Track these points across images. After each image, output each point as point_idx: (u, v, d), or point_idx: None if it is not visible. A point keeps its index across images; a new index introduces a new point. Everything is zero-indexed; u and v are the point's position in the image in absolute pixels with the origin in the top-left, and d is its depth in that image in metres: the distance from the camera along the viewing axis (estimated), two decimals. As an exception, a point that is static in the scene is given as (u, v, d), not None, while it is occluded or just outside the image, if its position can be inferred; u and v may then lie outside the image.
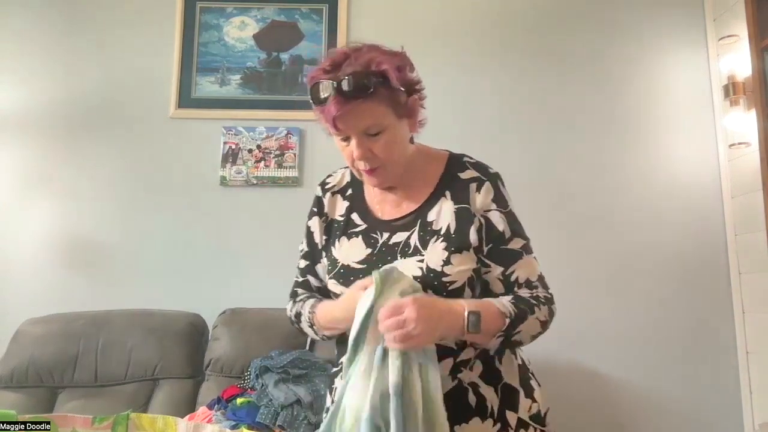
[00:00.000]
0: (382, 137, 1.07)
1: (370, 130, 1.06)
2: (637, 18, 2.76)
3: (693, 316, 2.52)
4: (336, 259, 1.16)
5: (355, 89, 1.01)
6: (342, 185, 1.26)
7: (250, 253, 2.55)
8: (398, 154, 1.11)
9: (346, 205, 1.22)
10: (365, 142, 1.07)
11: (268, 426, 1.74)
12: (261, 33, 2.75)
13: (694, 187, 2.62)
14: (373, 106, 1.04)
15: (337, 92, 1.01)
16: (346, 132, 1.06)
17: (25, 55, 2.68)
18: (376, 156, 1.08)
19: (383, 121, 1.06)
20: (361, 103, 1.02)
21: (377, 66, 1.03)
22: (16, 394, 2.07)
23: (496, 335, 1.04)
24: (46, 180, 2.60)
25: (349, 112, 1.02)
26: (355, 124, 1.04)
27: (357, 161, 1.09)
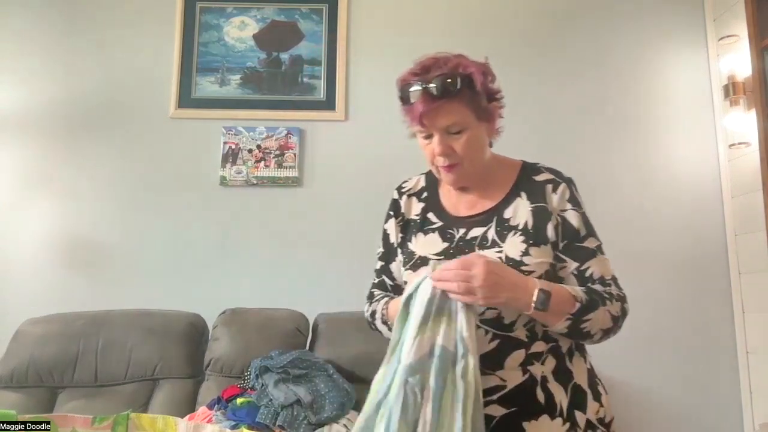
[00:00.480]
0: (462, 136, 1.13)
1: (451, 129, 1.13)
2: (637, 18, 2.76)
3: (693, 316, 2.52)
4: (413, 251, 1.21)
5: (442, 89, 1.09)
6: (417, 189, 1.32)
7: (250, 253, 2.55)
8: (476, 154, 1.17)
9: (422, 206, 1.28)
10: (446, 139, 1.13)
11: (268, 426, 1.74)
12: (261, 33, 2.75)
13: (694, 187, 2.62)
14: (457, 107, 1.11)
15: (425, 92, 1.10)
16: (430, 129, 1.13)
17: (25, 55, 2.68)
18: (455, 153, 1.14)
19: (465, 121, 1.13)
20: (446, 103, 1.10)
21: (464, 69, 1.12)
22: (16, 394, 2.07)
23: (564, 317, 1.05)
24: (46, 180, 2.60)
25: (435, 110, 1.10)
26: (439, 121, 1.12)
27: (437, 157, 1.15)
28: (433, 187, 1.30)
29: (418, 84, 1.11)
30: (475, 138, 1.15)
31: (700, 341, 2.50)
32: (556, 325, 1.07)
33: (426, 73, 1.12)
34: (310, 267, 2.54)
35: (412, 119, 1.14)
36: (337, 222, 2.58)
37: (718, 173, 2.63)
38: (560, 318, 1.05)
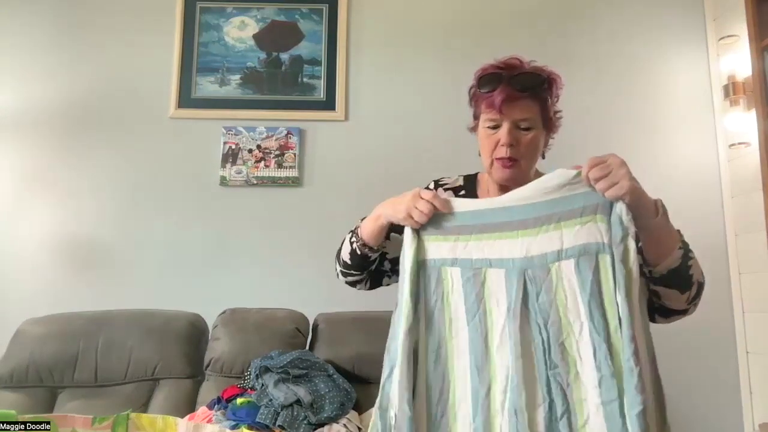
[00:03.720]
0: (529, 134, 1.19)
1: (523, 123, 1.18)
2: (636, 18, 2.76)
3: (693, 316, 2.51)
4: None
5: (525, 84, 1.16)
6: (455, 186, 1.34)
7: (250, 253, 2.55)
8: (534, 156, 1.22)
9: None
10: (514, 131, 1.17)
11: (268, 426, 1.74)
12: (261, 33, 2.75)
13: (694, 187, 2.62)
14: (533, 105, 1.18)
15: (509, 82, 1.15)
16: (503, 118, 1.16)
17: (25, 55, 2.69)
18: (519, 148, 1.18)
19: (535, 121, 1.19)
20: (525, 98, 1.16)
21: (549, 74, 1.21)
22: (16, 394, 2.07)
23: (678, 244, 1.03)
24: (46, 180, 2.60)
25: (514, 100, 1.15)
26: (515, 112, 1.16)
27: (500, 147, 1.17)
28: (471, 189, 1.33)
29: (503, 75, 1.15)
30: (537, 140, 1.20)
31: (700, 341, 2.50)
32: (670, 255, 1.02)
33: (510, 69, 1.18)
34: (310, 267, 2.54)
35: (488, 106, 1.16)
36: (337, 222, 2.57)
37: (718, 173, 2.63)
38: (675, 246, 1.02)
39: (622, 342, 0.89)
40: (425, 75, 2.68)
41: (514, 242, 1.01)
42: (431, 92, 2.68)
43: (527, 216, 1.02)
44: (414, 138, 2.61)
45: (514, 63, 1.20)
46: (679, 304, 1.09)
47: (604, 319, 0.92)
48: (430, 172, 1.48)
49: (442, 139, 2.57)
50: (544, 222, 1.00)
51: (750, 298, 2.46)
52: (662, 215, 1.00)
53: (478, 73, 1.22)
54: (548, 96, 1.21)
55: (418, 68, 2.69)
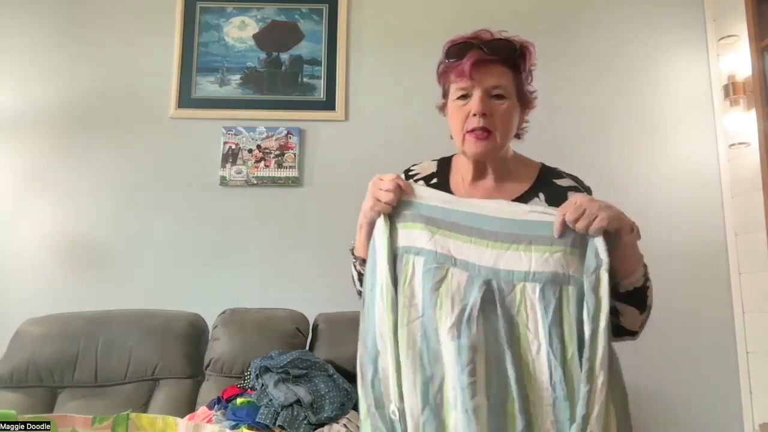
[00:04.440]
0: (503, 104, 1.12)
1: (495, 91, 1.11)
2: (636, 18, 2.76)
3: (693, 317, 2.52)
4: None
5: (496, 49, 1.10)
6: (426, 174, 1.27)
7: (250, 253, 2.55)
8: (508, 130, 1.15)
9: None
10: (486, 100, 1.11)
11: (268, 426, 1.74)
12: (261, 33, 2.75)
13: (694, 187, 2.62)
14: (505, 72, 1.12)
15: (479, 49, 1.09)
16: (474, 86, 1.10)
17: (25, 55, 2.68)
18: (492, 118, 1.11)
19: (508, 90, 1.12)
20: (497, 64, 1.11)
21: (521, 43, 1.13)
22: (16, 394, 2.07)
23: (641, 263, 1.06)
24: (46, 180, 2.60)
25: (485, 66, 1.10)
26: (487, 79, 1.10)
27: (472, 118, 1.11)
28: (443, 175, 1.26)
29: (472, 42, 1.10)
30: (511, 112, 1.14)
31: (700, 341, 2.50)
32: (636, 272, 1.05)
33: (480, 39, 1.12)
34: (310, 267, 2.54)
35: (458, 75, 1.11)
36: (337, 222, 2.57)
37: (718, 173, 2.63)
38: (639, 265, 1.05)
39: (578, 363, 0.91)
40: (425, 75, 2.65)
41: (483, 250, 1.00)
42: (431, 92, 2.65)
43: (500, 229, 1.01)
44: (414, 138, 2.61)
45: (484, 34, 1.13)
46: (634, 325, 1.12)
47: (562, 345, 0.93)
48: (430, 172, 1.48)
49: (442, 138, 2.56)
50: (515, 240, 1.00)
51: (750, 298, 2.46)
52: (635, 234, 1.04)
53: (446, 45, 1.16)
54: (521, 65, 1.14)
55: (418, 68, 2.68)
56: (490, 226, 1.02)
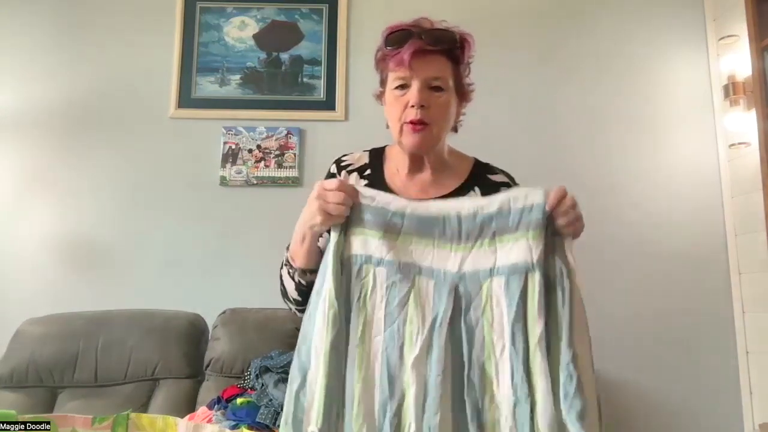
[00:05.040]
0: (441, 96, 1.10)
1: (434, 82, 1.09)
2: (636, 18, 2.76)
3: (693, 316, 2.52)
4: None
5: (435, 39, 1.08)
6: (360, 165, 1.24)
7: (250, 253, 2.55)
8: (445, 123, 1.12)
9: (365, 183, 1.19)
10: (425, 92, 1.08)
11: (268, 426, 1.74)
12: (261, 33, 2.75)
13: (694, 187, 2.62)
14: (445, 63, 1.10)
15: (418, 38, 1.07)
16: (414, 74, 1.08)
17: (25, 55, 2.68)
18: (429, 110, 1.09)
19: (447, 82, 1.10)
20: (437, 55, 1.09)
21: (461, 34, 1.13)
22: (16, 394, 2.07)
23: None
24: (46, 180, 2.60)
25: (424, 56, 1.07)
26: (426, 69, 1.08)
27: (409, 110, 1.09)
28: (377, 165, 1.22)
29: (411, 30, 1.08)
30: (449, 105, 1.12)
31: (700, 341, 2.50)
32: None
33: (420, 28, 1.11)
34: (310, 267, 2.53)
35: (397, 64, 1.08)
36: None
37: (718, 173, 2.63)
38: None
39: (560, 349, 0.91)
40: (425, 75, 2.68)
41: (447, 254, 0.96)
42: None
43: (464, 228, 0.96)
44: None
45: (424, 23, 1.13)
46: None
47: (525, 341, 0.90)
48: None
49: (442, 139, 2.57)
50: (479, 236, 0.96)
51: (750, 298, 2.46)
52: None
53: (385, 32, 1.13)
54: (460, 57, 1.13)
55: (418, 68, 2.69)
56: (451, 226, 0.97)
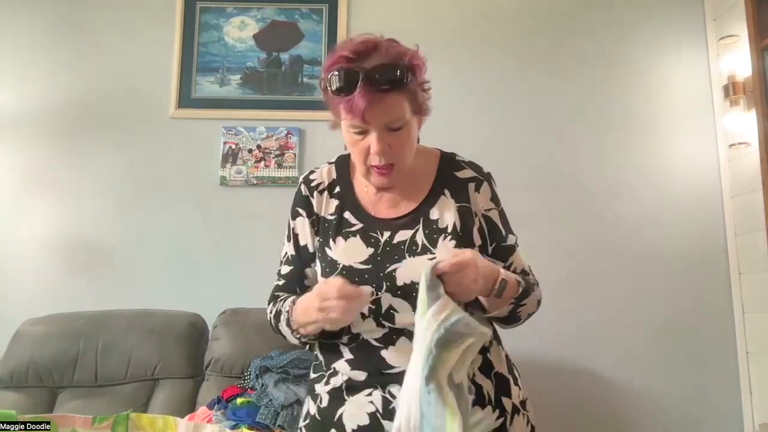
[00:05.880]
0: (402, 132, 1.05)
1: (393, 124, 1.03)
2: (636, 18, 2.76)
3: (693, 316, 2.52)
4: (335, 260, 1.10)
5: (387, 79, 0.99)
6: (328, 183, 1.19)
7: (250, 253, 2.55)
8: (410, 152, 1.09)
9: (336, 203, 1.17)
10: (385, 136, 1.04)
11: (268, 426, 1.74)
12: (261, 33, 2.75)
13: (694, 187, 2.62)
14: (399, 100, 1.02)
15: (367, 82, 0.98)
16: (371, 124, 1.02)
17: (25, 55, 2.68)
18: (393, 151, 1.05)
19: (405, 116, 1.04)
20: (390, 95, 1.00)
21: (410, 60, 1.03)
22: (16, 394, 2.07)
23: (509, 303, 1.09)
24: (46, 180, 2.60)
25: (378, 103, 0.99)
26: (382, 116, 1.01)
27: (373, 156, 1.05)
28: (345, 180, 1.18)
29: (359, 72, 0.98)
30: (410, 134, 1.07)
31: (700, 341, 2.50)
32: (500, 309, 1.09)
33: (361, 59, 1.00)
34: (310, 267, 2.53)
35: (350, 112, 1.00)
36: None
37: (718, 173, 2.62)
38: (505, 303, 1.08)
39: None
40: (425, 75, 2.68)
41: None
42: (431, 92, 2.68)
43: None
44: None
45: (366, 48, 1.01)
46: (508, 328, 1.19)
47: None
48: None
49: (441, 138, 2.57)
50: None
51: (750, 298, 2.46)
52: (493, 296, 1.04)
53: (328, 66, 1.03)
54: (415, 85, 1.04)
55: (418, 68, 2.68)
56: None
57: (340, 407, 1.09)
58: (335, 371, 1.12)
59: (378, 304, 1.06)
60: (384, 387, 1.05)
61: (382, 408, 1.05)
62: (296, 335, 1.13)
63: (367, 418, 1.05)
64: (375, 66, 0.99)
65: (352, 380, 1.09)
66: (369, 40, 1.04)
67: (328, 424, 1.09)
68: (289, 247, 1.23)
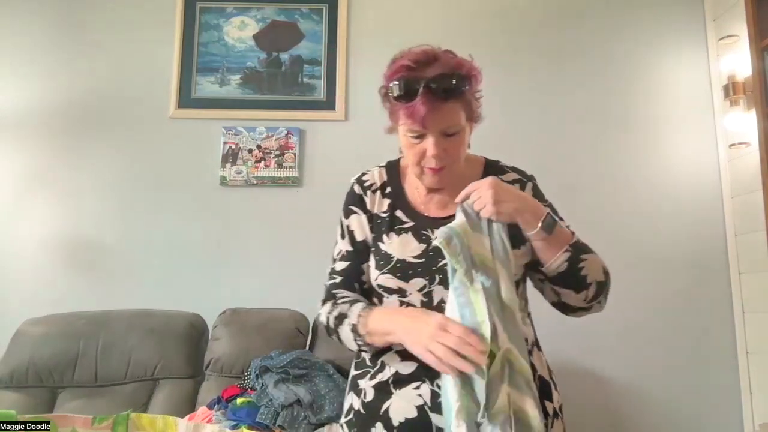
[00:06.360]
0: (456, 138, 1.11)
1: (449, 130, 1.10)
2: (637, 18, 2.76)
3: (693, 317, 2.52)
4: (389, 254, 1.14)
5: (447, 89, 1.06)
6: (380, 183, 1.27)
7: (250, 253, 2.55)
8: (462, 155, 1.16)
9: (388, 202, 1.23)
10: (441, 141, 1.10)
11: (268, 426, 1.74)
12: (261, 33, 2.75)
13: (694, 187, 2.62)
14: (456, 108, 1.09)
15: (427, 90, 1.05)
16: (430, 129, 1.09)
17: (25, 55, 2.68)
18: (447, 155, 1.11)
19: (460, 123, 1.11)
20: (448, 103, 1.07)
21: (467, 70, 1.10)
22: (16, 394, 2.07)
23: (564, 249, 1.07)
24: (46, 180, 2.60)
25: (437, 110, 1.06)
26: (440, 122, 1.08)
27: (429, 159, 1.11)
28: (395, 181, 1.26)
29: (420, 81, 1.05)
30: (464, 140, 1.14)
31: (700, 341, 2.50)
32: (556, 258, 1.07)
33: (424, 68, 1.08)
34: (310, 267, 2.52)
35: (410, 118, 1.07)
36: (337, 222, 2.57)
37: (718, 173, 2.63)
38: (560, 248, 1.07)
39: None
40: (425, 75, 2.68)
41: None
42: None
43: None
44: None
45: (427, 58, 1.09)
46: (578, 302, 1.13)
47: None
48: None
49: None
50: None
51: (750, 298, 2.46)
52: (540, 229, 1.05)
53: (389, 74, 1.12)
54: (470, 94, 1.12)
55: (418, 68, 2.68)
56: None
57: (386, 401, 1.09)
58: (382, 365, 1.13)
59: (430, 297, 1.09)
60: (432, 380, 1.06)
61: (430, 401, 1.05)
62: (359, 342, 1.11)
63: (415, 411, 1.06)
64: (435, 75, 1.06)
65: (399, 374, 1.09)
66: (428, 50, 1.12)
67: (374, 417, 1.10)
68: (343, 243, 1.24)
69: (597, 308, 1.15)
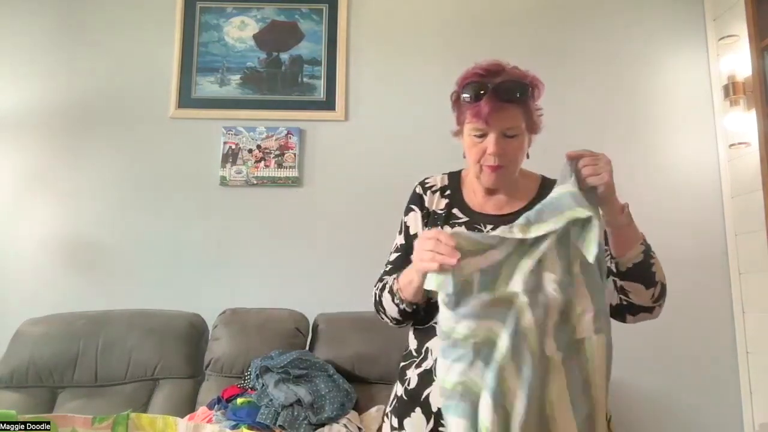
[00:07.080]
0: (515, 140, 1.20)
1: (509, 131, 1.19)
2: (637, 18, 2.76)
3: (693, 317, 2.52)
4: None
5: (510, 93, 1.17)
6: (440, 186, 1.36)
7: (250, 253, 2.55)
8: (519, 160, 1.25)
9: (446, 201, 1.31)
10: (501, 141, 1.19)
11: (269, 426, 1.74)
12: (261, 33, 2.75)
13: (694, 187, 2.62)
14: (517, 112, 1.19)
15: (494, 92, 1.16)
16: (492, 128, 1.18)
17: (25, 54, 2.68)
18: (506, 155, 1.20)
19: (520, 127, 1.20)
20: (511, 106, 1.17)
21: (531, 81, 1.21)
22: (16, 394, 2.07)
23: (639, 242, 1.15)
24: (46, 180, 2.60)
25: (499, 110, 1.16)
26: (502, 122, 1.17)
27: (488, 156, 1.19)
28: (456, 186, 1.35)
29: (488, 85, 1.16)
30: (522, 145, 1.22)
31: (700, 341, 2.50)
32: (632, 249, 1.14)
33: (492, 76, 1.19)
34: (310, 267, 2.54)
35: (475, 116, 1.17)
36: (338, 222, 2.58)
37: (718, 173, 2.63)
38: (636, 242, 1.14)
39: None
40: (425, 75, 2.68)
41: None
42: (431, 92, 2.67)
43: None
44: (414, 138, 2.61)
45: (495, 69, 1.21)
46: (645, 300, 1.18)
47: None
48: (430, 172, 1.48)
49: (442, 138, 2.57)
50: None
51: (750, 298, 2.46)
52: (626, 215, 1.15)
53: (461, 80, 1.24)
54: (531, 102, 1.22)
55: (418, 68, 2.69)
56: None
57: (427, 387, 1.15)
58: (426, 353, 1.19)
59: None
60: None
61: None
62: (396, 300, 1.19)
63: None
64: (501, 82, 1.17)
65: None
66: (496, 62, 1.23)
67: (415, 402, 1.16)
68: (399, 238, 1.34)
69: (657, 312, 1.21)
